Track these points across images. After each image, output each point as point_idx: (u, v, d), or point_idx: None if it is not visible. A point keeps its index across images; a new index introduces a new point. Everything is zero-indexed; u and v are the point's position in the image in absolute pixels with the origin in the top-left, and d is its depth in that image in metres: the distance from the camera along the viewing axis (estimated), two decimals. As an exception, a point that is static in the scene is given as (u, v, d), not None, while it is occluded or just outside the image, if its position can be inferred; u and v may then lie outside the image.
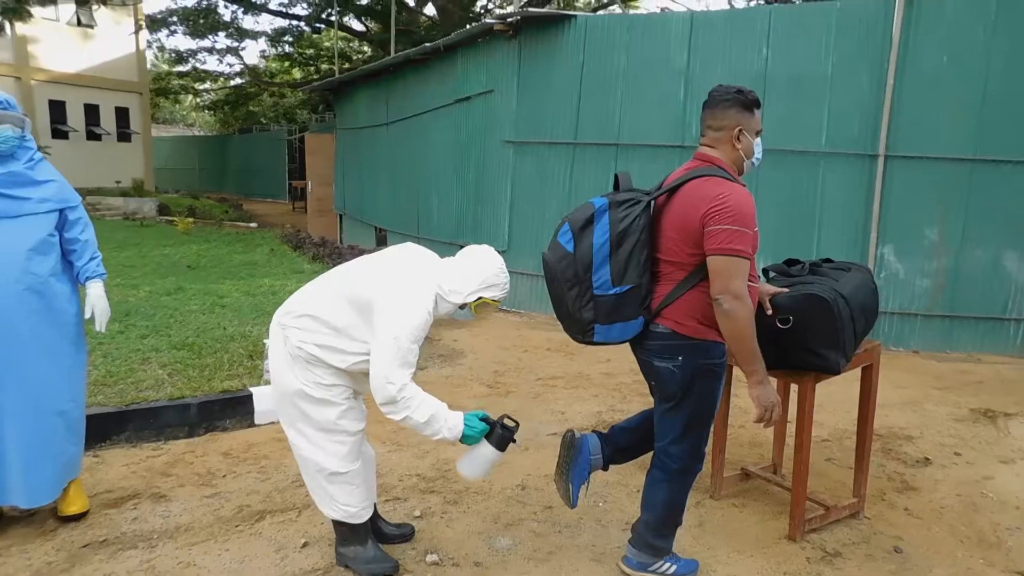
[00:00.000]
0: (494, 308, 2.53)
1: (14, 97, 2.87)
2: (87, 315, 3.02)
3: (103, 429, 3.66)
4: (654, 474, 2.59)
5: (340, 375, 2.48)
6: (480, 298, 2.47)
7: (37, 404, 2.76)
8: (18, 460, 2.72)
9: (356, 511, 2.57)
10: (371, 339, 2.37)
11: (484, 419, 2.51)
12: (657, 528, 2.59)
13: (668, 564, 2.61)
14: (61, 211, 2.88)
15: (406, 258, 2.54)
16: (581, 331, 2.44)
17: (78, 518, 2.92)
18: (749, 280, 2.31)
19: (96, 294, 3.01)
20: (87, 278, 2.98)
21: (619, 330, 2.40)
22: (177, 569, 2.61)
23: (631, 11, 18.74)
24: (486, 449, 2.48)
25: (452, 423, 2.40)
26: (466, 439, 2.46)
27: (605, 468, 2.77)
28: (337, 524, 2.62)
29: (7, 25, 13.68)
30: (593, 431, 2.79)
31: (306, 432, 2.51)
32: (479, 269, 2.47)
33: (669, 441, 2.51)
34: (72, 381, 2.91)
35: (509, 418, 2.54)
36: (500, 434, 2.48)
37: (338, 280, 2.51)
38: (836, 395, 4.64)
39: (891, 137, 6.08)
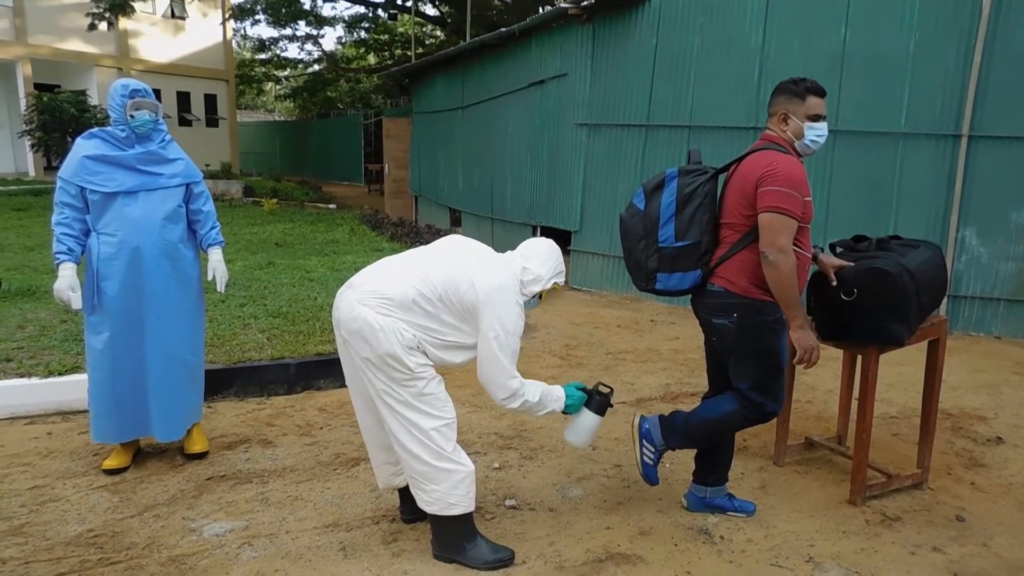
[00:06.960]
0: (558, 293, 2.73)
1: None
2: (208, 278, 3.41)
3: (214, 384, 4.07)
4: (727, 395, 2.76)
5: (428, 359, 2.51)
6: (554, 284, 2.65)
7: (168, 353, 3.17)
8: (156, 399, 3.15)
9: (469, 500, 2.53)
10: (461, 331, 2.46)
11: (581, 388, 2.72)
12: (689, 436, 2.78)
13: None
14: (187, 185, 3.27)
15: (476, 253, 2.57)
16: (645, 278, 2.74)
17: (201, 456, 3.34)
18: (802, 249, 2.59)
19: (217, 259, 3.40)
20: (209, 245, 3.38)
21: (678, 279, 2.68)
22: (287, 500, 2.97)
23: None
24: (588, 416, 2.71)
25: (556, 395, 2.62)
26: (568, 408, 2.66)
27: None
28: (443, 520, 2.53)
29: (113, 19, 14.64)
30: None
31: (417, 415, 2.46)
32: (549, 256, 2.64)
33: (748, 387, 2.69)
34: (195, 335, 3.32)
35: (603, 384, 2.77)
36: (598, 400, 2.72)
37: (419, 279, 2.45)
38: (908, 375, 4.67)
39: (976, 117, 5.92)
